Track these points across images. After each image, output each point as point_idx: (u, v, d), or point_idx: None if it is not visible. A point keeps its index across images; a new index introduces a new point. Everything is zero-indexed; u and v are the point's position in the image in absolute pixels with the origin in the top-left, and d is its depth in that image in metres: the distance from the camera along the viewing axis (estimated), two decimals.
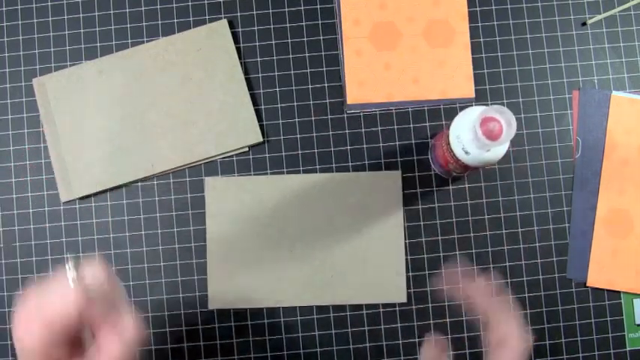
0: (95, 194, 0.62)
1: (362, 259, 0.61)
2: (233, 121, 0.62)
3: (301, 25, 0.64)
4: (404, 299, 0.61)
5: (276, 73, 0.64)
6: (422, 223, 0.62)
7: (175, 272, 0.62)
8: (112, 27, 0.64)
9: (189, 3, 0.64)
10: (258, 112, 0.63)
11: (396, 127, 0.63)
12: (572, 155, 0.63)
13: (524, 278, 0.62)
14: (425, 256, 0.62)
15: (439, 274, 0.61)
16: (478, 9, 0.65)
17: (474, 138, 0.48)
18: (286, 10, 0.64)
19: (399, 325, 0.61)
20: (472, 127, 0.48)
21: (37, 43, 0.64)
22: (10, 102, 0.63)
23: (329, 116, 0.63)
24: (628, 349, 0.62)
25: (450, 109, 0.64)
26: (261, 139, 0.62)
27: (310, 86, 0.64)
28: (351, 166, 0.63)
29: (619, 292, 0.62)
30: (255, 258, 0.62)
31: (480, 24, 0.65)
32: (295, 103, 0.64)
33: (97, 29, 0.64)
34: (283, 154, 0.63)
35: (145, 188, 0.63)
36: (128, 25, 0.64)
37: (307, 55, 0.64)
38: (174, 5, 0.64)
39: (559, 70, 0.64)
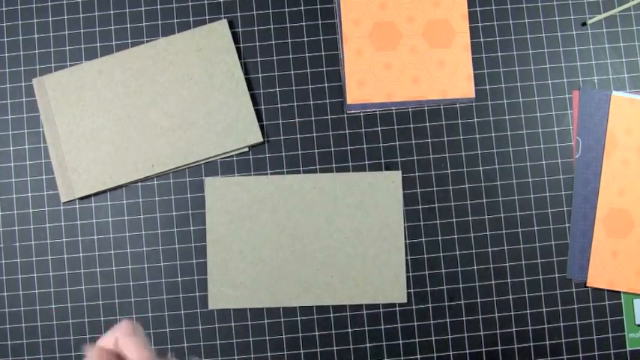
0: (95, 194, 0.62)
1: (362, 259, 0.61)
2: (233, 121, 0.62)
3: (301, 25, 0.64)
4: (404, 299, 0.61)
5: (276, 73, 0.64)
6: (422, 223, 0.62)
7: (175, 272, 0.62)
8: (112, 27, 0.64)
9: (189, 3, 0.64)
10: (258, 112, 0.63)
11: (396, 127, 0.63)
12: (572, 155, 0.63)
13: (524, 278, 0.62)
14: (425, 256, 0.62)
15: None
16: (478, 9, 0.65)
17: None
18: (286, 10, 0.64)
19: (399, 325, 0.61)
20: None
21: (37, 43, 0.64)
22: (10, 102, 0.63)
23: (329, 116, 0.63)
24: (628, 349, 0.62)
25: (450, 109, 0.64)
26: (261, 139, 0.62)
27: (310, 86, 0.64)
28: (351, 166, 0.63)
29: (619, 292, 0.62)
30: (255, 258, 0.62)
31: (480, 24, 0.65)
32: (295, 103, 0.64)
33: (97, 29, 0.64)
34: (283, 154, 0.63)
35: (145, 188, 0.63)
36: (128, 25, 0.64)
37: (307, 55, 0.64)
38: (174, 5, 0.64)
39: (559, 70, 0.64)
